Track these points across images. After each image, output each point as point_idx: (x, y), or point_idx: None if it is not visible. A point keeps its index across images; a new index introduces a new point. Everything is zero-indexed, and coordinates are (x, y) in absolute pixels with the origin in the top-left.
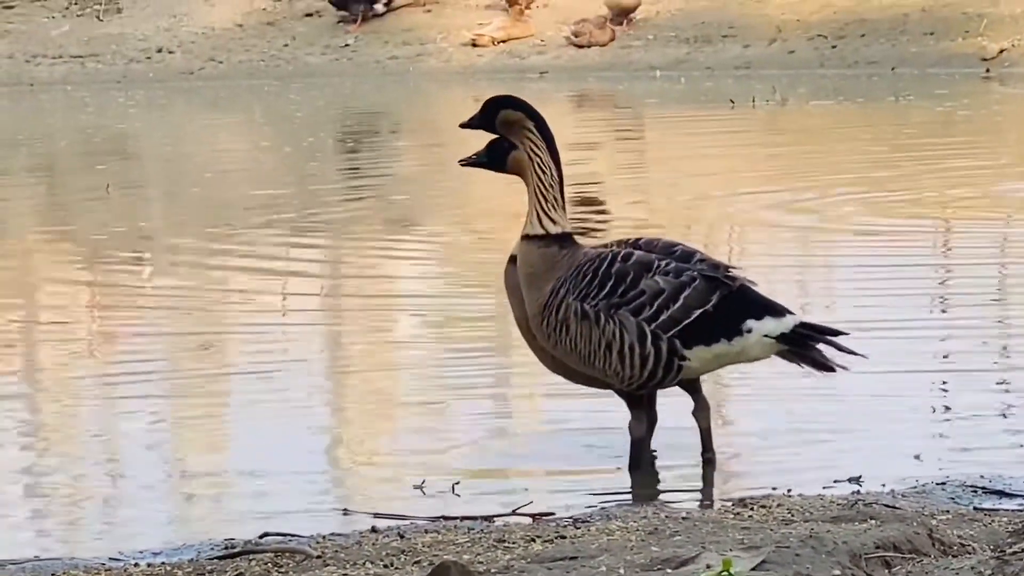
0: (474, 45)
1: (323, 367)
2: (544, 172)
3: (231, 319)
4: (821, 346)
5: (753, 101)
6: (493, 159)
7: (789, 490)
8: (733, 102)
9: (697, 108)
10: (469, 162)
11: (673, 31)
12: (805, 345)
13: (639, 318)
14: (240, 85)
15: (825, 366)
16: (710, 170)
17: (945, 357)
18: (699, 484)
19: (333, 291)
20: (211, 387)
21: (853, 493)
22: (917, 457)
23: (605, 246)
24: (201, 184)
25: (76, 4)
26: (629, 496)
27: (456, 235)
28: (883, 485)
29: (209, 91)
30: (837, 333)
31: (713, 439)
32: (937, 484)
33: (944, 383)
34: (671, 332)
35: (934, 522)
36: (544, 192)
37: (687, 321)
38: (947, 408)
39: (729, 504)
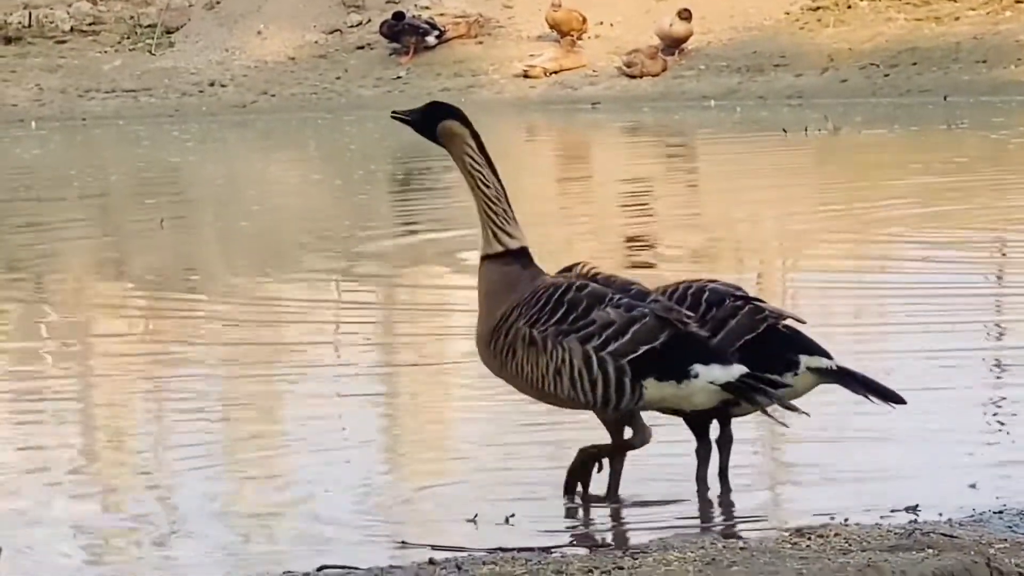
0: (526, 76)
1: (377, 399)
2: (488, 186)
3: (283, 352)
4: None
5: (806, 130)
6: (425, 126)
7: (846, 519)
8: (786, 131)
9: (750, 137)
10: (399, 117)
11: (725, 61)
12: (748, 396)
13: (586, 346)
14: (292, 118)
15: (771, 415)
16: (762, 197)
17: (1001, 385)
18: (757, 514)
19: (385, 324)
20: (266, 419)
21: (910, 522)
22: (973, 486)
23: (564, 275)
24: (256, 217)
25: (128, 39)
26: (686, 526)
27: None
28: (940, 514)
29: (262, 124)
30: (781, 386)
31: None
32: (994, 513)
33: (1000, 411)
34: (620, 361)
35: (992, 551)
36: (493, 207)
37: (634, 355)
38: (1004, 436)
39: (786, 534)
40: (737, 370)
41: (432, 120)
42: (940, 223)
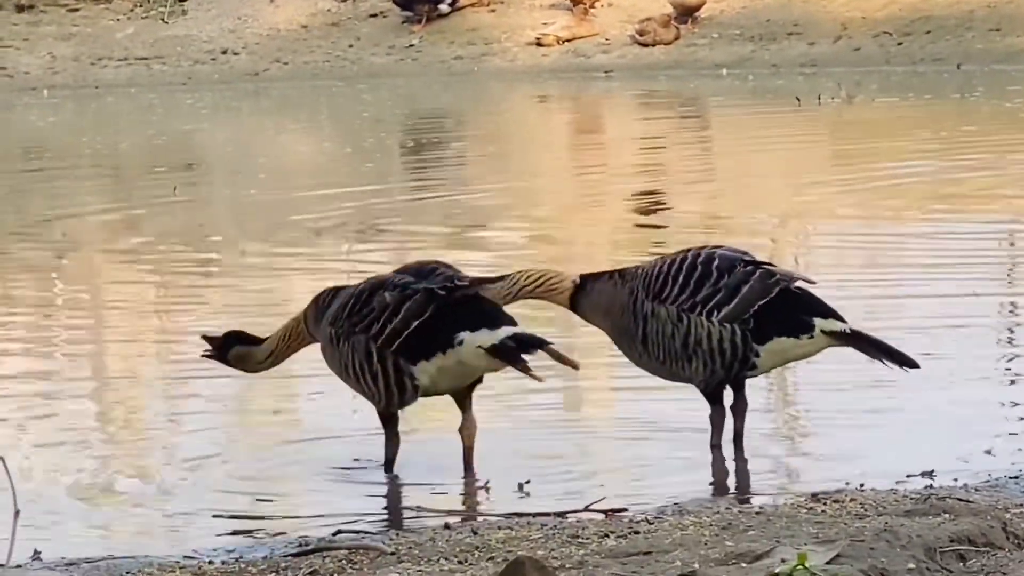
0: (539, 44)
1: None
2: (279, 344)
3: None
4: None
5: (819, 99)
6: (223, 358)
7: (862, 485)
8: (799, 100)
9: (763, 106)
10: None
11: (738, 29)
12: (512, 356)
13: (367, 335)
14: (305, 86)
15: (531, 373)
16: (776, 165)
17: (1013, 351)
18: (771, 480)
19: None
20: (279, 387)
21: (926, 487)
22: (989, 451)
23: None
24: (267, 184)
25: (141, 6)
26: (701, 491)
27: (520, 234)
28: (955, 479)
29: (275, 92)
30: (545, 344)
31: (473, 458)
32: (1010, 478)
33: (1016, 376)
34: (394, 346)
35: (1008, 516)
36: (287, 341)
37: (407, 332)
38: (1019, 402)
39: (802, 499)
40: (504, 332)
41: (224, 352)
42: (954, 191)
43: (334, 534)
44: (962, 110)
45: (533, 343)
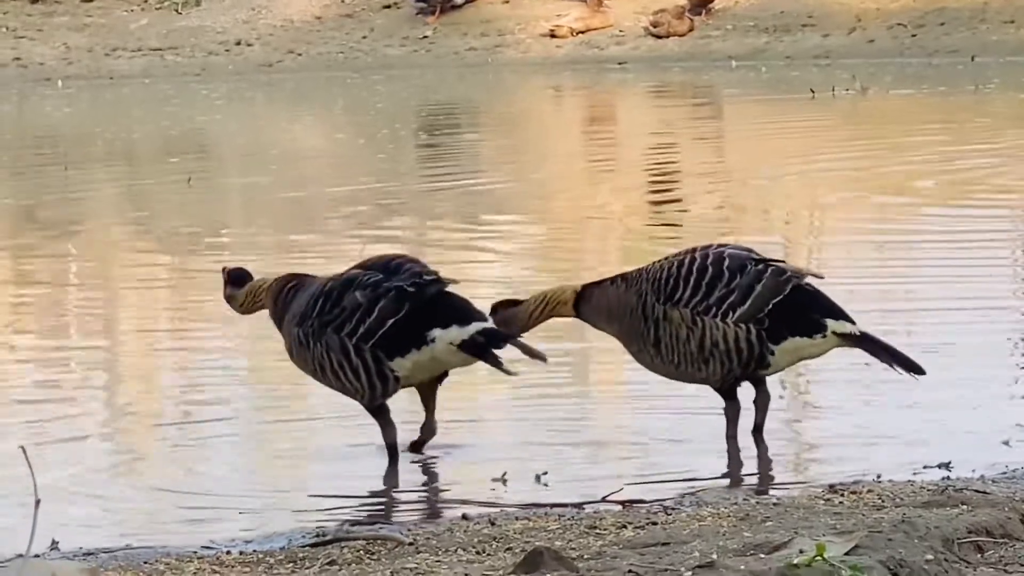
0: (552, 36)
1: None
2: (244, 303)
3: None
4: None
5: (833, 90)
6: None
7: (879, 476)
8: (814, 92)
9: (778, 98)
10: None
11: (752, 21)
12: (483, 351)
13: (342, 334)
14: (319, 77)
15: (502, 367)
16: (791, 157)
17: None
18: (789, 471)
19: None
20: (294, 380)
21: (943, 479)
22: (1006, 443)
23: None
24: (281, 175)
25: None
26: (718, 483)
27: (533, 225)
28: (973, 471)
29: (289, 83)
30: (513, 337)
31: (423, 450)
32: None
33: None
34: (371, 343)
35: None
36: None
37: (382, 331)
38: None
39: (819, 490)
40: (474, 327)
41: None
42: (967, 182)
43: (351, 525)
44: (977, 102)
45: (502, 337)
